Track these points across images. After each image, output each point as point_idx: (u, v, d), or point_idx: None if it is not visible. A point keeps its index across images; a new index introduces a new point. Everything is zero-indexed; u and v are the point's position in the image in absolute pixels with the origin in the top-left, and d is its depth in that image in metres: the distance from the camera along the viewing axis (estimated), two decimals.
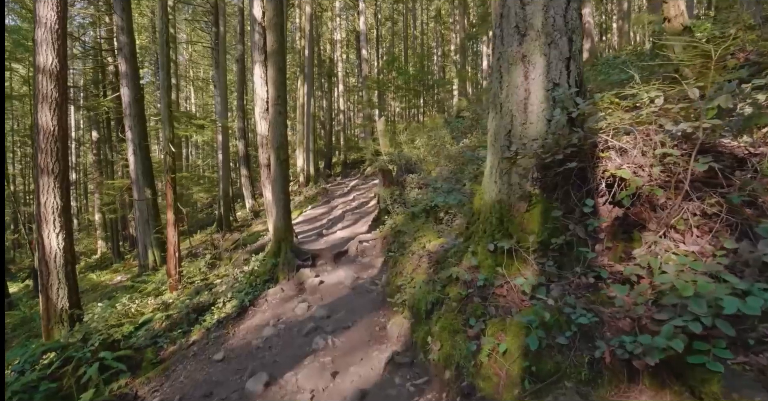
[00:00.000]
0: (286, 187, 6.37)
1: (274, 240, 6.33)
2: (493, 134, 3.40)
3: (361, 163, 22.45)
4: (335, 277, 5.72)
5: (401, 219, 7.12)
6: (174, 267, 7.97)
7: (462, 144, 11.24)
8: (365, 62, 19.84)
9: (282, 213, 6.28)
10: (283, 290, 5.51)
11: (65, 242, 7.19)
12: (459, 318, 2.81)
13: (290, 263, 6.00)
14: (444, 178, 8.55)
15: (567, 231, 2.79)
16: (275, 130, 6.22)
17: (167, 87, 8.04)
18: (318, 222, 11.14)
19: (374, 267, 6.04)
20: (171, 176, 7.97)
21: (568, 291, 2.55)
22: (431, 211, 5.73)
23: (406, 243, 5.65)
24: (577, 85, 3.13)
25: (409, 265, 4.30)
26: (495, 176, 3.33)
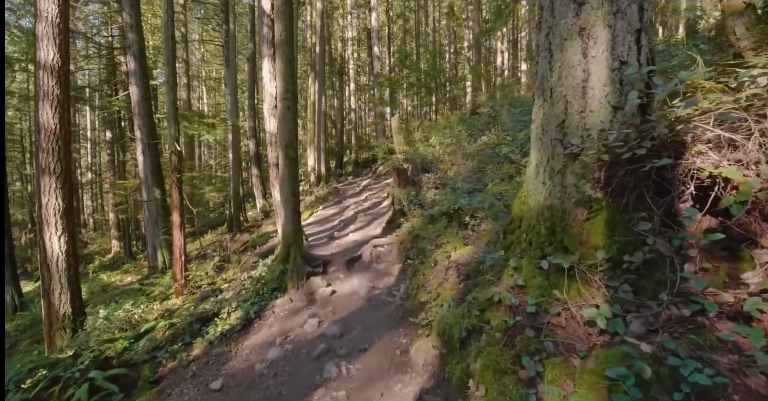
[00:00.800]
0: (296, 187, 5.85)
1: (282, 245, 5.82)
2: (540, 125, 2.79)
3: (373, 162, 21.89)
4: (348, 287, 5.18)
5: (418, 223, 6.54)
6: (180, 271, 7.54)
7: (480, 141, 10.58)
8: (377, 59, 19.26)
9: (291, 215, 5.76)
10: (291, 300, 4.99)
11: (67, 245, 6.80)
12: (506, 354, 2.22)
13: (300, 270, 5.47)
14: (463, 177, 7.93)
15: (644, 247, 2.18)
16: (284, 126, 5.70)
17: (173, 83, 7.59)
18: (329, 223, 10.62)
19: (391, 275, 5.47)
20: (177, 176, 7.53)
21: (655, 325, 1.94)
22: (454, 215, 5.14)
23: (426, 250, 5.07)
24: (649, 62, 2.50)
25: (434, 278, 3.72)
26: (543, 176, 2.73)
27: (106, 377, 3.80)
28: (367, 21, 28.31)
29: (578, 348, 2.05)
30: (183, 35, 16.92)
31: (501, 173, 7.59)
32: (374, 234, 8.36)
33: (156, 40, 20.82)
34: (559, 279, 2.39)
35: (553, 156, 2.64)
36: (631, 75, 2.39)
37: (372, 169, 19.38)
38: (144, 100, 11.19)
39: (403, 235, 6.16)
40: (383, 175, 16.89)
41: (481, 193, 7.06)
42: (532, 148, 2.93)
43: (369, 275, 5.61)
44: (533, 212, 2.79)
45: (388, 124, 20.33)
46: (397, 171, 8.45)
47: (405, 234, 6.16)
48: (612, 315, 2.01)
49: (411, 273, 4.85)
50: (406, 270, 5.14)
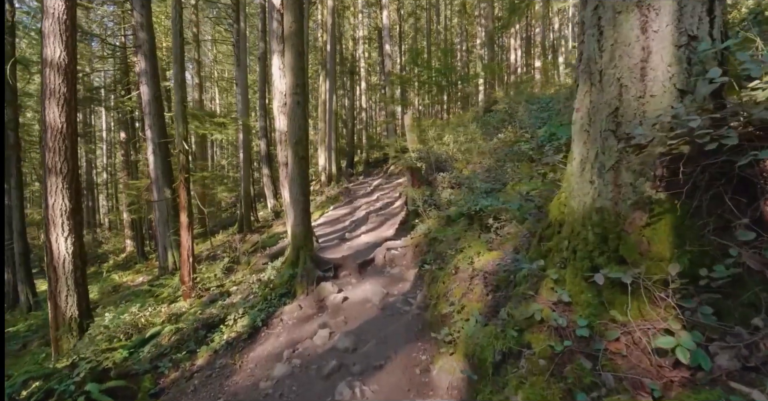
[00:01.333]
0: (306, 187, 5.53)
1: (291, 248, 5.50)
2: (586, 115, 2.39)
3: (384, 161, 21.53)
4: (361, 293, 4.83)
5: (435, 224, 6.15)
6: (188, 273, 7.30)
7: (497, 139, 10.13)
8: (388, 57, 18.89)
9: (301, 217, 5.43)
10: (300, 307, 4.66)
11: (74, 246, 6.62)
12: (554, 387, 1.84)
13: (310, 275, 5.15)
14: (481, 176, 7.51)
15: (726, 259, 1.77)
16: (293, 123, 5.38)
17: (181, 81, 7.36)
18: (340, 224, 10.30)
19: (406, 280, 5.10)
20: (185, 176, 7.29)
21: (752, 361, 1.53)
22: (475, 216, 4.74)
23: (444, 254, 4.68)
24: (723, 37, 2.08)
25: (456, 287, 3.33)
26: (590, 174, 2.33)
27: (102, 390, 3.53)
28: (378, 20, 27.96)
29: (648, 385, 1.65)
30: (195, 35, 16.83)
31: (521, 172, 7.16)
32: (387, 235, 8.00)
33: (169, 41, 20.83)
34: (616, 296, 1.99)
35: (603, 150, 2.23)
36: (704, 52, 1.97)
37: (383, 169, 19.02)
38: (155, 100, 11.04)
39: (419, 238, 5.79)
40: (395, 175, 16.52)
41: (501, 192, 6.65)
42: (574, 142, 2.53)
43: (382, 280, 5.25)
44: (577, 215, 2.39)
45: (399, 122, 19.95)
46: (411, 170, 8.07)
47: (420, 236, 5.79)
48: (694, 345, 1.60)
49: (428, 280, 4.47)
50: (422, 275, 4.76)
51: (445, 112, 26.32)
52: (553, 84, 20.27)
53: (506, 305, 2.61)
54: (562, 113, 9.91)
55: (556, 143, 7.50)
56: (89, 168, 23.33)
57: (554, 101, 11.75)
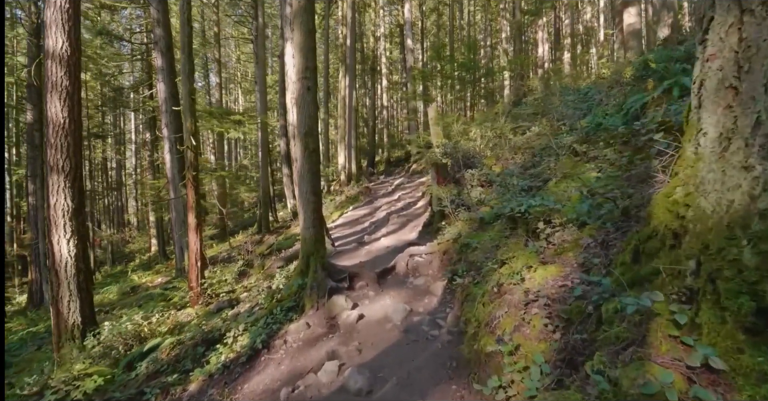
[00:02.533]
0: (317, 184, 4.77)
1: (301, 255, 4.76)
2: (733, 61, 1.48)
3: (406, 160, 20.67)
4: (379, 309, 4.02)
5: (465, 228, 5.27)
6: (196, 278, 6.73)
7: (530, 133, 9.11)
8: (410, 53, 18.02)
9: (311, 219, 4.69)
10: (308, 325, 3.90)
11: (77, 249, 6.16)
12: None
13: (320, 286, 4.39)
14: (516, 173, 6.55)
15: None
16: (303, 111, 4.64)
17: (188, 72, 6.80)
18: (359, 225, 9.55)
19: (432, 294, 4.26)
20: (192, 174, 6.73)
21: None
22: (520, 220, 3.82)
23: (481, 265, 3.81)
24: None
25: (505, 316, 2.46)
26: (744, 154, 1.42)
27: None
28: (399, 16, 27.15)
29: None
30: (216, 35, 16.56)
31: (563, 167, 6.16)
32: (409, 238, 7.17)
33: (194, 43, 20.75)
34: None
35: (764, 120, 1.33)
36: None
37: (405, 167, 18.18)
38: (171, 97, 10.66)
39: (447, 243, 4.92)
40: (417, 173, 15.65)
41: (541, 190, 5.69)
42: (705, 109, 1.61)
43: (405, 293, 4.42)
44: (715, 221, 1.48)
45: (421, 120, 19.06)
46: (436, 166, 7.20)
47: (449, 241, 4.92)
48: None
49: (461, 297, 3.61)
50: (453, 290, 3.90)
51: (469, 109, 25.17)
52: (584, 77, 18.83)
53: (589, 353, 1.72)
54: (604, 103, 8.76)
55: (604, 134, 6.46)
56: (119, 168, 23.72)
57: (593, 91, 10.56)
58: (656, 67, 6.95)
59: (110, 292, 11.45)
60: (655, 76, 7.04)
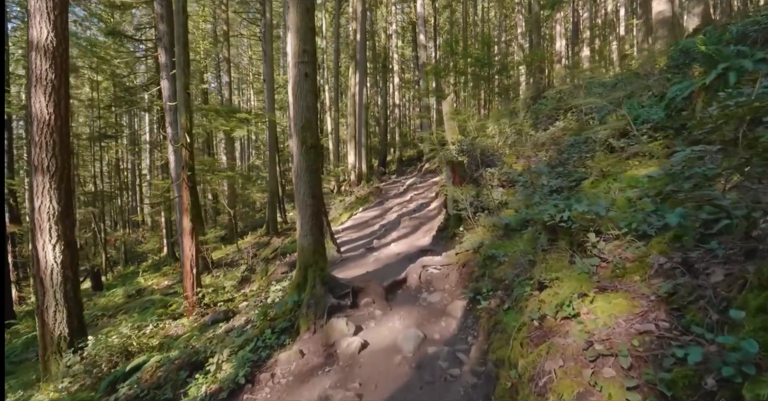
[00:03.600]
0: (316, 185, 4.10)
1: (298, 266, 4.10)
2: None
3: (418, 159, 19.90)
4: (387, 335, 3.32)
5: (486, 235, 4.51)
6: (191, 287, 6.15)
7: (554, 128, 8.26)
8: (423, 49, 17.23)
9: (310, 225, 4.01)
10: (302, 354, 3.23)
11: (63, 255, 5.65)
12: None
13: (319, 304, 3.71)
14: (544, 171, 5.74)
15: None
16: (299, 101, 3.97)
17: (184, 64, 6.22)
18: (368, 228, 8.86)
19: (449, 315, 3.53)
20: (187, 174, 6.15)
21: None
22: (562, 229, 3.05)
23: (510, 284, 3.07)
24: None
25: (562, 375, 1.72)
26: None
27: None
28: (412, 14, 26.34)
29: None
30: (225, 33, 16.11)
31: (599, 165, 5.33)
32: (422, 244, 6.44)
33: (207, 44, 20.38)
34: None
35: None
36: None
37: (417, 167, 17.41)
38: (175, 95, 10.18)
39: (466, 254, 4.18)
40: (430, 173, 14.87)
41: (575, 191, 4.89)
42: None
43: (417, 313, 3.71)
44: None
45: (434, 117, 18.26)
46: (452, 164, 6.44)
47: (468, 252, 4.17)
48: None
49: (487, 324, 2.87)
50: (478, 316, 3.16)
51: (483, 107, 24.19)
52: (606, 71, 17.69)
53: None
54: (636, 95, 7.83)
55: (646, 126, 5.62)
56: (133, 169, 23.66)
57: (622, 83, 9.61)
58: (706, 50, 6.00)
59: (116, 295, 11.08)
60: (702, 62, 6.13)
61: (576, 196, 4.22)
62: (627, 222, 2.79)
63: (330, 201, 13.82)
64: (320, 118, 27.85)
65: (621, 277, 2.35)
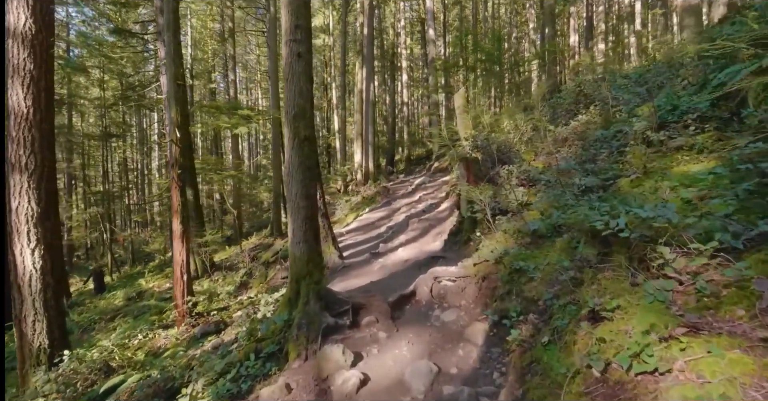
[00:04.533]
0: (311, 185, 3.49)
1: (290, 279, 3.49)
2: None
3: (427, 158, 19.21)
4: (391, 365, 2.70)
5: (508, 242, 3.84)
6: (181, 294, 5.62)
7: (577, 121, 7.53)
8: (432, 44, 16.54)
9: (303, 230, 3.41)
10: (288, 389, 2.63)
11: (43, 260, 5.16)
12: None
13: (312, 324, 3.10)
14: (574, 168, 5.04)
15: None
16: (291, 85, 3.36)
17: (174, 53, 5.70)
18: (375, 230, 8.25)
19: (468, 341, 2.89)
20: (176, 172, 5.61)
21: None
22: (617, 240, 2.37)
23: (547, 306, 2.41)
24: None
25: None
26: None
27: None
28: (421, 11, 25.60)
29: None
30: (230, 30, 15.64)
31: (637, 161, 4.62)
32: (432, 249, 5.80)
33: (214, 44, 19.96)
34: None
35: None
36: None
37: (426, 166, 16.72)
38: None
39: (486, 265, 3.52)
40: (440, 172, 14.19)
41: (609, 190, 4.20)
42: None
43: (429, 336, 3.08)
44: None
45: (443, 115, 17.55)
46: (466, 162, 5.78)
47: (489, 262, 3.51)
48: None
49: (520, 362, 2.23)
50: (507, 349, 2.51)
51: (493, 105, 23.36)
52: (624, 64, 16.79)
53: None
54: (668, 85, 7.05)
55: (689, 117, 4.89)
56: (142, 168, 23.47)
57: (649, 74, 8.80)
58: (759, 28, 5.20)
59: (116, 297, 10.67)
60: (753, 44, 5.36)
61: (619, 196, 3.53)
62: (701, 231, 2.11)
63: (336, 201, 13.24)
64: (327, 116, 27.32)
65: (714, 310, 1.68)
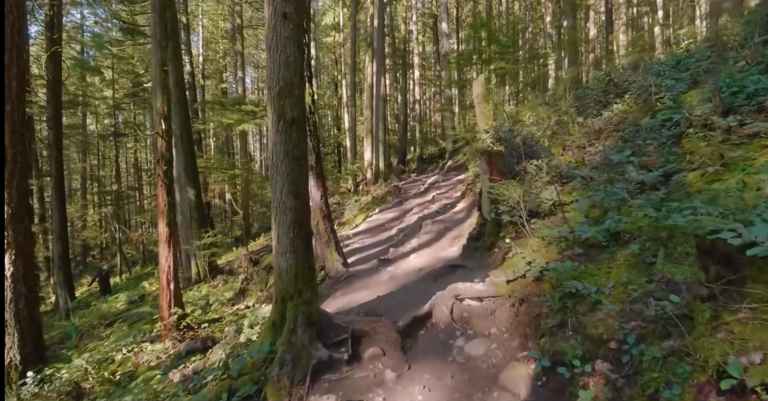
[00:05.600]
0: (301, 180, 2.74)
1: (274, 299, 2.75)
2: None
3: (439, 157, 18.33)
4: None
5: (547, 251, 3.02)
6: (167, 305, 4.96)
7: (611, 111, 6.62)
8: (445, 37, 15.69)
9: (290, 237, 2.66)
10: None
11: (14, 267, 4.55)
12: None
13: (299, 360, 2.36)
14: (623, 161, 4.17)
15: None
16: (275, 54, 2.63)
17: (160, 35, 5.04)
18: (384, 232, 7.48)
19: (504, 388, 2.10)
20: (163, 169, 4.96)
21: None
22: (740, 260, 1.55)
23: (631, 360, 1.59)
24: None
25: None
26: None
27: None
28: (433, 5, 24.74)
29: None
30: (238, 26, 15.12)
31: (701, 152, 3.76)
32: (449, 256, 5.00)
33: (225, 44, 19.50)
34: None
35: None
36: None
37: (439, 165, 15.86)
38: (176, 86, 9.16)
39: (524, 283, 2.70)
40: (453, 170, 13.33)
41: (671, 188, 3.34)
42: None
43: (450, 377, 2.30)
44: None
45: (456, 111, 16.67)
46: (489, 155, 4.96)
47: (527, 279, 2.70)
48: None
49: None
50: (555, 393, 1.71)
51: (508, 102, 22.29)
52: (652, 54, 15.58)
53: None
54: (721, 68, 6.09)
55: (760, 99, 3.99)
56: (154, 167, 23.28)
57: (691, 60, 7.77)
58: None
59: (118, 301, 10.21)
60: None
61: (698, 195, 2.67)
62: None
63: (345, 201, 12.53)
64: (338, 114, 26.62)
65: None
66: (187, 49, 17.75)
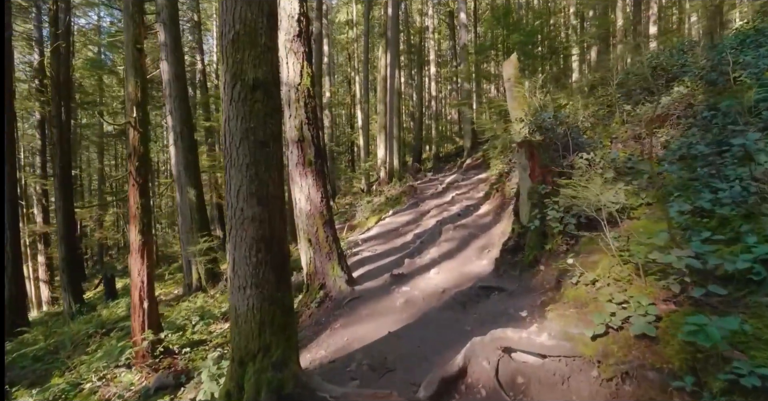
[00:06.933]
0: (268, 176, 1.77)
1: (231, 358, 1.80)
2: None
3: (457, 156, 17.17)
4: None
5: (647, 286, 1.96)
6: (140, 327, 4.11)
7: (670, 97, 5.43)
8: (463, 28, 14.57)
9: (252, 264, 1.70)
10: None
11: None
12: None
13: None
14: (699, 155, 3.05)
15: None
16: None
17: (133, 8, 4.19)
18: (398, 238, 6.48)
19: None
20: (135, 165, 4.11)
21: None
22: None
23: None
24: None
25: None
26: None
27: None
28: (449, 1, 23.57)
29: None
30: None
31: None
32: (478, 271, 3.96)
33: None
34: None
35: None
36: None
37: (457, 163, 14.73)
38: (176, 79, 8.42)
39: (624, 342, 1.64)
40: (473, 169, 12.20)
41: None
42: None
43: None
44: None
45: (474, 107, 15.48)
46: (530, 147, 3.90)
47: (625, 333, 1.64)
48: None
49: None
50: None
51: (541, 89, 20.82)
52: None
53: None
54: None
55: None
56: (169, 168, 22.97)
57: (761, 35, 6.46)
58: None
59: (119, 307, 9.58)
60: None
61: None
62: None
63: (357, 202, 11.59)
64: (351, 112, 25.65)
65: None
66: (199, 47, 17.19)
